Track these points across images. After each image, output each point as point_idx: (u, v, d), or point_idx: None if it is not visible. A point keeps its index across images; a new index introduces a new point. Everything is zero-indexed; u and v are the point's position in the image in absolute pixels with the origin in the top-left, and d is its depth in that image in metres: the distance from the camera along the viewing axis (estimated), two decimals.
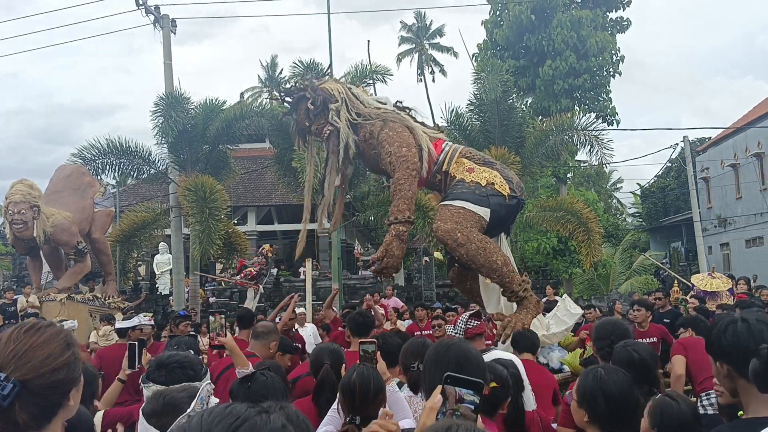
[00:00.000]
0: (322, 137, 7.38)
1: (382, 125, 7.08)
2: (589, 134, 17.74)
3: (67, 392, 1.79)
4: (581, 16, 29.75)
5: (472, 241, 6.34)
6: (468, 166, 6.93)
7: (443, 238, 6.46)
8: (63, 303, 13.69)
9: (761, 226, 28.88)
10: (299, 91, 7.46)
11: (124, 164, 18.35)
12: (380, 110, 7.39)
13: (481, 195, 6.61)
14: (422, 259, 23.76)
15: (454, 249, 6.41)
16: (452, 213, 6.51)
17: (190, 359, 2.94)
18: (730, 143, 32.13)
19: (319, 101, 7.24)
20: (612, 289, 23.41)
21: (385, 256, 6.56)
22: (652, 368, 3.51)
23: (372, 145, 7.12)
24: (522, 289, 6.50)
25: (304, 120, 7.48)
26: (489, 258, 6.34)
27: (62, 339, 1.81)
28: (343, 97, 7.28)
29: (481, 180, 6.73)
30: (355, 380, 3.17)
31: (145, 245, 20.25)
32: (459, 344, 2.65)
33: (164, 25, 19.40)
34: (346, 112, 7.22)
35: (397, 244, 6.57)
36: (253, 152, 27.63)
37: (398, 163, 6.74)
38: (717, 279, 9.85)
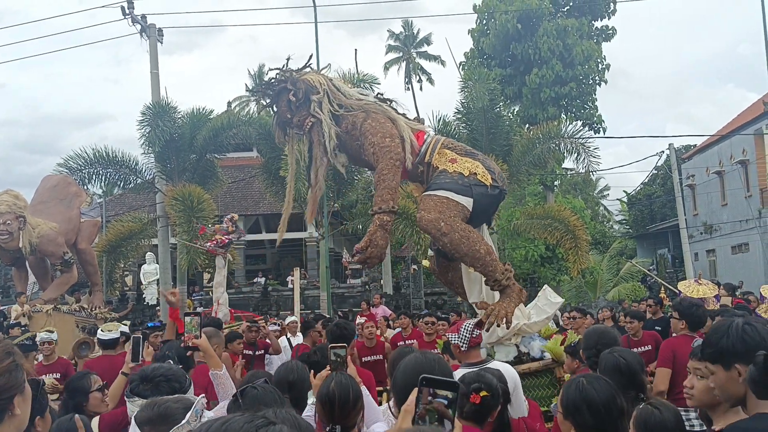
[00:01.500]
0: (304, 129, 7.20)
1: (364, 116, 7.00)
2: (576, 142, 17.85)
3: (10, 399, 1.79)
4: (567, 24, 29.98)
5: (456, 231, 6.32)
6: (450, 157, 6.90)
7: (427, 228, 6.43)
8: (49, 314, 13.56)
9: (747, 233, 29.08)
10: (280, 83, 7.28)
11: (111, 174, 18.28)
12: (362, 101, 7.32)
13: (464, 185, 6.58)
14: (410, 268, 23.76)
15: (438, 238, 6.40)
16: (436, 203, 6.48)
17: (174, 372, 2.92)
18: (715, 150, 32.39)
19: (301, 93, 7.11)
20: (599, 296, 23.49)
21: (369, 246, 6.47)
22: (638, 374, 3.51)
23: (354, 136, 7.01)
24: (505, 277, 6.45)
25: (286, 112, 7.30)
26: (472, 247, 6.33)
27: (1, 347, 1.83)
28: (324, 89, 7.16)
29: (464, 170, 6.71)
30: (334, 390, 3.14)
31: (131, 255, 20.14)
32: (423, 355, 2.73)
33: (151, 34, 19.36)
34: (327, 103, 7.11)
35: (381, 234, 6.51)
36: (241, 161, 27.57)
37: (381, 153, 6.71)
38: (703, 285, 9.91)
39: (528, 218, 17.34)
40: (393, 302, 19.95)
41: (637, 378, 3.49)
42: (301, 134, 7.40)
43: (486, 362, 4.55)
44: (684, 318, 5.76)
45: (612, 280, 25.54)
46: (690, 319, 5.73)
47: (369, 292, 21.46)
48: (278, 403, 2.68)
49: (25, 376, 1.89)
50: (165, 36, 19.88)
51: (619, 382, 3.36)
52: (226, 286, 11.67)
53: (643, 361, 3.70)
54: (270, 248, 33.42)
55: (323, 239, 18.61)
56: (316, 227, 20.25)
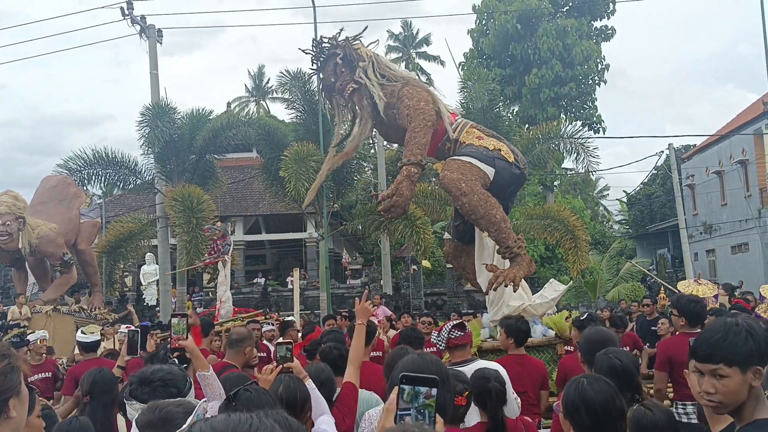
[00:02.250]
0: (345, 94, 7.58)
1: (403, 84, 7.46)
2: (576, 142, 17.85)
3: (5, 402, 1.79)
4: (567, 25, 29.98)
5: (475, 192, 6.61)
6: (477, 135, 7.32)
7: (448, 186, 6.71)
8: (49, 315, 13.58)
9: (746, 233, 29.07)
10: (332, 47, 7.67)
11: (111, 175, 18.27)
12: (402, 74, 7.85)
13: (487, 156, 6.93)
14: (410, 268, 23.77)
15: (458, 198, 6.67)
16: (459, 165, 6.81)
17: (174, 375, 2.90)
18: (715, 150, 32.38)
19: (351, 58, 7.52)
20: (599, 296, 23.50)
21: (395, 194, 6.74)
22: (634, 375, 3.51)
23: (392, 104, 7.39)
24: (516, 246, 6.73)
25: (330, 76, 7.71)
26: (489, 211, 6.61)
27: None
28: (371, 58, 7.59)
29: (489, 145, 7.09)
30: (282, 394, 3.20)
31: (131, 256, 20.14)
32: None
33: (150, 35, 19.35)
34: (372, 72, 7.50)
35: (407, 185, 6.80)
36: (240, 162, 27.56)
37: (415, 114, 7.06)
38: (703, 285, 9.92)
39: (527, 218, 17.32)
40: (393, 302, 19.95)
41: (633, 379, 3.49)
42: (342, 101, 7.82)
43: (471, 361, 4.52)
44: (683, 314, 5.72)
45: (612, 281, 25.56)
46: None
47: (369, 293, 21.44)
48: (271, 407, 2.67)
49: (22, 378, 1.89)
50: (166, 37, 19.89)
51: (614, 382, 3.37)
52: (229, 285, 11.69)
53: (639, 363, 3.70)
54: (270, 249, 33.41)
55: (323, 240, 18.60)
56: (315, 228, 20.24)
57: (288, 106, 19.11)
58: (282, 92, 21.32)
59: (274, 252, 33.87)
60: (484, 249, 7.18)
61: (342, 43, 7.63)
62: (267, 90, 49.34)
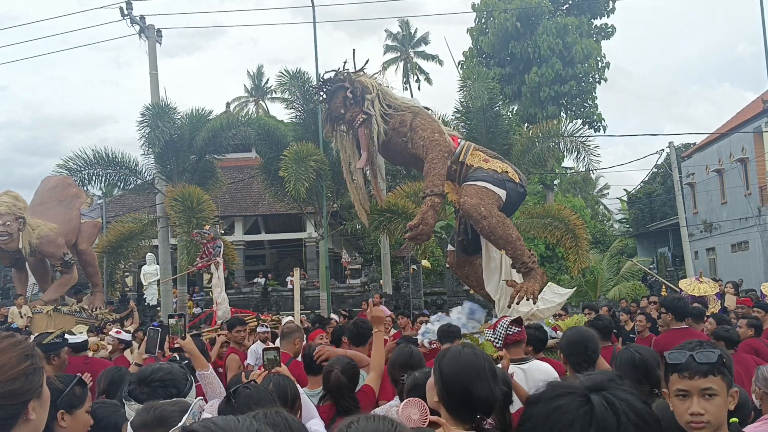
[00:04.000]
0: (354, 124, 8.09)
1: (413, 116, 7.98)
2: (576, 141, 17.82)
3: (25, 404, 1.77)
4: (567, 23, 29.95)
5: (493, 216, 7.22)
6: (483, 158, 7.85)
7: (469, 211, 7.25)
8: (50, 315, 13.58)
9: (746, 231, 29.07)
10: (338, 81, 8.21)
11: (111, 175, 18.27)
12: (408, 104, 8.37)
13: (498, 179, 7.54)
14: (410, 268, 23.75)
15: (478, 221, 7.23)
16: (476, 190, 7.39)
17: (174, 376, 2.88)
18: (715, 149, 32.37)
19: (358, 92, 8.04)
20: (600, 295, 23.47)
21: (421, 224, 7.35)
22: (653, 369, 3.55)
23: (401, 132, 7.93)
24: (531, 261, 7.41)
25: (340, 108, 8.21)
26: (506, 231, 7.28)
27: (20, 349, 1.80)
28: (377, 91, 8.11)
29: (497, 168, 7.67)
30: (272, 391, 3.22)
31: (132, 256, 20.12)
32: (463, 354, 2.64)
33: (149, 35, 19.35)
34: (379, 103, 8.01)
35: (432, 214, 7.43)
36: (240, 162, 27.56)
37: (432, 146, 7.62)
38: (704, 283, 9.89)
39: (528, 217, 17.28)
40: (392, 302, 19.93)
41: (652, 373, 3.53)
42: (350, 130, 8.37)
43: (527, 360, 4.55)
44: (670, 310, 6.36)
45: (612, 279, 25.51)
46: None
47: (368, 292, 21.43)
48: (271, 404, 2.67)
49: (45, 379, 1.86)
50: (167, 39, 19.93)
51: (633, 376, 3.46)
52: (223, 286, 11.69)
53: (658, 357, 3.71)
54: (269, 249, 33.41)
55: (323, 239, 18.59)
56: (315, 228, 20.23)
57: (287, 105, 19.10)
58: (281, 92, 21.31)
59: (274, 252, 33.86)
60: (491, 260, 7.70)
61: (348, 77, 8.17)
62: (266, 90, 49.34)
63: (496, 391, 2.54)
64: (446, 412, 2.49)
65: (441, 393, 2.53)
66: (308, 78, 17.98)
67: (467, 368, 2.54)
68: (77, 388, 2.66)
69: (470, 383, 2.48)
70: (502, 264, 7.65)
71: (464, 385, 2.49)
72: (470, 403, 2.46)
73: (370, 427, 1.53)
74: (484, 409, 2.54)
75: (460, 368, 2.54)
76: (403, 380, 3.84)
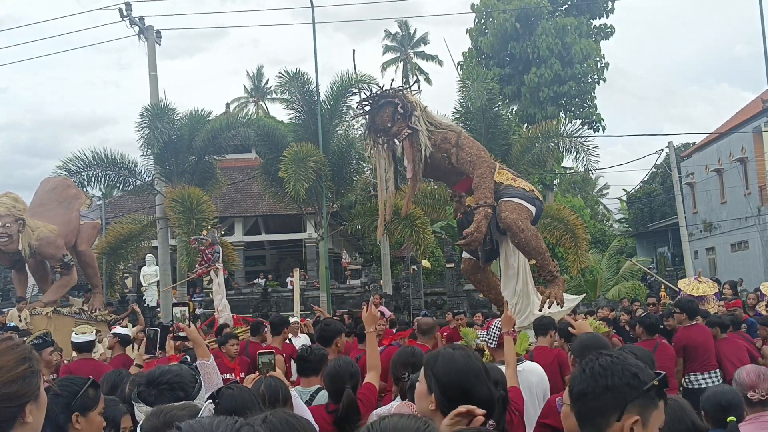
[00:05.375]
0: (400, 137, 8.89)
1: (457, 135, 8.86)
2: (575, 141, 17.84)
3: (22, 406, 1.77)
4: (566, 23, 29.97)
5: (529, 229, 8.09)
6: (511, 177, 8.72)
7: (510, 225, 8.04)
8: (49, 317, 13.56)
9: (746, 230, 29.07)
10: (387, 96, 8.99)
11: (110, 176, 18.28)
12: (449, 124, 9.35)
13: (529, 197, 8.44)
14: (410, 268, 23.75)
15: (516, 234, 8.02)
16: (514, 206, 8.21)
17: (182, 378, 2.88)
18: (714, 148, 32.37)
19: (408, 108, 8.80)
20: (599, 295, 23.48)
21: (476, 231, 8.06)
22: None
23: (443, 149, 8.75)
24: (555, 270, 8.42)
25: (387, 121, 8.97)
26: (539, 243, 8.23)
27: (18, 352, 1.80)
28: (422, 109, 8.94)
29: (525, 187, 8.60)
30: (263, 392, 3.26)
31: (131, 257, 20.14)
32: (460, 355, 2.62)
33: (149, 36, 19.34)
34: (424, 120, 8.81)
35: (485, 223, 8.13)
36: (240, 163, 27.57)
37: (479, 162, 8.50)
38: (703, 283, 9.89)
39: None
40: (393, 302, 19.93)
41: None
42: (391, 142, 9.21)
43: (520, 361, 4.57)
44: (684, 310, 7.73)
45: (612, 279, 25.53)
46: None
47: (369, 293, 21.43)
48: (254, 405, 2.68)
49: (42, 382, 1.87)
50: (169, 41, 20.14)
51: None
52: (224, 293, 11.70)
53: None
54: (269, 249, 33.41)
55: (323, 240, 18.60)
56: (315, 228, 20.24)
57: (287, 106, 19.12)
58: (281, 93, 21.32)
59: (274, 252, 33.86)
60: (509, 268, 8.57)
61: (399, 93, 9.00)
62: (266, 90, 49.33)
63: (494, 392, 2.49)
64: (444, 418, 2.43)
65: (439, 398, 2.39)
66: (308, 78, 18.00)
67: (463, 370, 2.45)
68: (90, 390, 2.67)
69: (469, 385, 2.40)
70: (518, 272, 8.45)
71: (463, 387, 2.40)
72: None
73: (401, 424, 1.56)
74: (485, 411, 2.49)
75: (456, 371, 2.44)
76: (405, 378, 3.86)
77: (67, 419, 2.56)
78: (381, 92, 9.13)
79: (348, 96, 18.03)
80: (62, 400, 2.56)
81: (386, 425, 1.56)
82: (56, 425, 2.52)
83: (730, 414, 3.34)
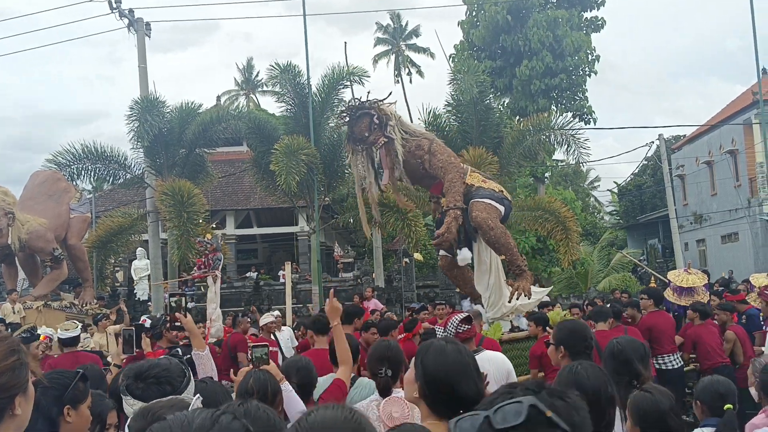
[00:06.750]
0: (376, 146, 9.44)
1: (430, 142, 9.48)
2: (566, 133, 17.86)
3: (11, 398, 1.77)
4: (557, 15, 29.96)
5: (498, 227, 8.73)
6: (481, 179, 9.38)
7: (481, 224, 8.65)
8: (40, 310, 13.52)
9: (736, 222, 29.21)
10: (364, 108, 9.57)
11: (100, 169, 18.19)
12: (422, 132, 10.07)
13: (498, 197, 9.06)
14: (402, 261, 23.78)
15: (487, 231, 8.65)
16: (485, 206, 8.83)
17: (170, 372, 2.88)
18: (705, 141, 32.48)
19: (383, 118, 9.37)
20: (590, 287, 23.56)
21: (446, 233, 8.64)
22: (632, 361, 3.58)
23: (417, 155, 9.36)
24: (523, 264, 9.06)
25: (364, 131, 9.56)
26: (508, 240, 8.85)
27: (6, 344, 1.80)
28: (396, 119, 9.53)
29: (495, 188, 9.26)
30: (252, 385, 3.28)
31: (122, 251, 20.06)
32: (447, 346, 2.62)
33: (138, 28, 19.22)
34: (398, 129, 9.42)
35: (455, 224, 8.68)
36: (231, 156, 27.46)
37: (450, 167, 9.10)
38: (693, 275, 9.91)
39: (519, 210, 17.30)
40: (385, 295, 19.96)
41: (632, 365, 3.55)
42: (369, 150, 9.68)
43: (478, 351, 4.77)
44: (651, 297, 8.59)
45: (603, 271, 25.61)
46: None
47: (361, 286, 21.43)
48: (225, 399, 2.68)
49: (30, 374, 1.87)
50: (162, 34, 20.17)
51: (612, 367, 3.50)
52: (218, 302, 11.71)
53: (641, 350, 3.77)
54: (261, 243, 33.36)
55: (314, 233, 18.59)
56: (307, 221, 20.22)
57: (278, 99, 19.05)
58: (272, 85, 21.23)
59: (266, 246, 33.81)
60: (482, 264, 9.23)
61: (374, 105, 9.55)
62: (257, 83, 49.17)
63: (481, 389, 2.50)
64: (427, 408, 2.43)
65: (423, 389, 2.46)
66: (299, 71, 17.93)
67: (452, 365, 2.48)
68: (80, 384, 2.67)
69: (455, 381, 2.43)
70: (491, 268, 9.11)
71: (449, 382, 2.43)
72: (454, 401, 2.39)
73: (329, 416, 1.53)
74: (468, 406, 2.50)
75: (444, 365, 2.48)
76: (381, 374, 3.83)
77: (59, 412, 2.56)
78: (359, 104, 9.82)
79: (339, 89, 17.98)
80: (53, 392, 2.55)
81: (314, 419, 1.52)
82: (48, 418, 2.51)
83: (727, 402, 3.38)
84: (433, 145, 9.45)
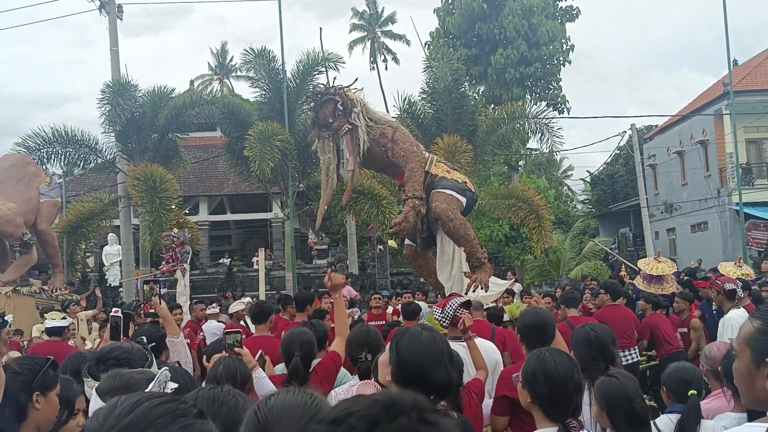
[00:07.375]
0: (340, 132, 9.48)
1: (393, 130, 9.51)
2: (540, 122, 17.97)
3: None
4: (532, 4, 29.97)
5: (458, 218, 8.71)
6: (446, 169, 9.38)
7: (440, 214, 8.67)
8: (9, 296, 13.33)
9: (706, 212, 29.66)
10: (329, 94, 9.58)
11: (71, 153, 17.93)
12: (387, 119, 10.00)
13: (460, 188, 9.05)
14: (376, 248, 23.80)
15: (446, 222, 8.67)
16: (445, 197, 8.85)
17: (131, 355, 2.90)
18: (676, 131, 32.87)
19: (348, 105, 9.42)
20: (562, 275, 23.82)
21: (404, 221, 8.75)
22: (608, 347, 3.68)
23: (381, 143, 9.39)
24: (483, 256, 9.07)
25: (329, 117, 9.59)
26: (467, 232, 8.84)
27: None
28: (362, 105, 9.54)
29: (458, 179, 9.22)
30: (222, 372, 3.26)
31: (93, 236, 19.82)
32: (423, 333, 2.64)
33: (110, 11, 18.94)
34: (363, 116, 9.44)
35: (413, 214, 8.75)
36: (204, 141, 27.24)
37: (411, 156, 9.13)
38: (662, 263, 10.07)
39: (492, 198, 17.41)
40: (359, 282, 19.99)
41: (607, 350, 3.64)
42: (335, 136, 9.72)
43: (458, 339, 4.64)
44: (608, 291, 8.41)
45: (575, 259, 25.90)
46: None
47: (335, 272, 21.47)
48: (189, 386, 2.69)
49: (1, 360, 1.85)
50: (135, 18, 20.06)
51: (588, 354, 3.56)
52: (189, 295, 11.65)
53: (614, 335, 3.87)
54: (235, 229, 33.19)
55: (288, 219, 18.54)
56: (281, 208, 20.14)
57: (252, 84, 18.89)
58: (246, 70, 21.04)
59: (240, 232, 33.66)
60: (444, 255, 9.24)
61: (339, 91, 9.59)
62: (231, 68, 48.69)
63: (453, 376, 2.54)
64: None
65: (396, 373, 2.52)
66: (274, 56, 17.79)
67: (425, 351, 2.52)
68: (50, 371, 2.66)
69: (427, 367, 2.48)
70: (453, 258, 9.13)
71: (421, 368, 2.48)
72: (425, 387, 2.44)
73: (288, 400, 1.53)
74: (439, 393, 2.54)
75: (417, 351, 2.53)
76: (362, 358, 3.86)
77: (27, 398, 2.54)
78: (323, 90, 9.84)
79: (314, 75, 17.87)
80: (23, 378, 2.54)
81: (273, 403, 1.53)
82: (17, 403, 2.50)
83: (692, 388, 3.44)
84: (396, 134, 9.47)
